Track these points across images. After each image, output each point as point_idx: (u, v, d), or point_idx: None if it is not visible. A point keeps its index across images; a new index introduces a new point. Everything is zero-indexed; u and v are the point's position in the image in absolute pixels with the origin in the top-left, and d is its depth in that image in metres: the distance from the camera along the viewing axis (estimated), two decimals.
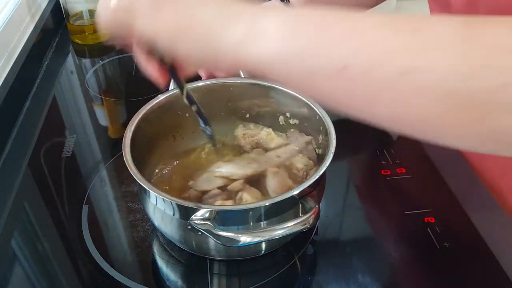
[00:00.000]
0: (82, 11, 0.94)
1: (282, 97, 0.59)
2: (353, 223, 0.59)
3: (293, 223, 0.44)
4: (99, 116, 0.78)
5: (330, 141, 0.50)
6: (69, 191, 0.62)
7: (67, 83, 0.86)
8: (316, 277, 0.52)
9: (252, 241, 0.43)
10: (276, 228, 0.44)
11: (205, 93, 0.61)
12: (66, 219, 0.58)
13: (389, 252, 0.54)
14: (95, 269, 0.52)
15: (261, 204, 0.47)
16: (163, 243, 0.55)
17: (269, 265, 0.53)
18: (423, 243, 0.54)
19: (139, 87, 0.84)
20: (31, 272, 0.52)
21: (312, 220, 0.44)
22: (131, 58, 0.92)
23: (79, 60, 0.94)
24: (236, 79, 0.63)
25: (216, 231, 0.43)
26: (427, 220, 0.57)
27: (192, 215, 0.44)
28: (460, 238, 0.55)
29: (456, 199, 0.60)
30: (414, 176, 0.63)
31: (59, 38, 0.99)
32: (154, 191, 0.46)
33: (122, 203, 0.60)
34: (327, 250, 0.55)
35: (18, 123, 0.74)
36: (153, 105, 0.57)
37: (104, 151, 0.70)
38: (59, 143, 0.70)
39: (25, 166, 0.66)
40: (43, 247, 0.55)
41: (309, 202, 0.46)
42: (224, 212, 0.46)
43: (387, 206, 0.60)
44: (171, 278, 0.52)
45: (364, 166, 0.69)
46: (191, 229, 0.45)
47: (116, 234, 0.56)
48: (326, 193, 0.54)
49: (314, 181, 0.46)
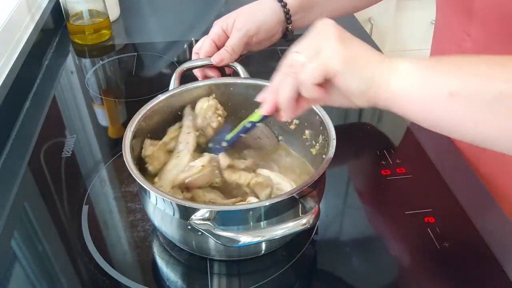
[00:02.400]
0: (82, 11, 0.94)
1: None
2: (353, 223, 0.59)
3: (293, 223, 0.44)
4: (99, 116, 0.78)
5: (330, 141, 0.50)
6: (69, 191, 0.62)
7: (67, 83, 0.86)
8: (316, 277, 0.52)
9: (252, 241, 0.43)
10: (276, 228, 0.44)
11: (206, 93, 0.61)
12: (66, 219, 0.58)
13: (389, 252, 0.54)
14: (95, 269, 0.52)
15: (261, 204, 0.47)
16: (163, 243, 0.55)
17: (269, 265, 0.52)
18: (423, 243, 0.54)
19: (139, 87, 0.84)
20: (31, 272, 0.52)
21: (312, 220, 0.44)
22: (131, 58, 0.93)
23: (79, 60, 0.94)
24: (236, 79, 0.63)
25: (216, 231, 0.43)
26: (427, 220, 0.57)
27: (192, 215, 0.44)
28: (460, 238, 0.55)
29: (456, 199, 0.60)
30: (414, 176, 0.63)
31: (59, 38, 0.99)
32: (154, 191, 0.46)
33: (122, 203, 0.60)
34: (327, 250, 0.55)
35: (18, 123, 0.74)
36: (153, 105, 0.57)
37: (104, 151, 0.70)
38: (59, 143, 0.70)
39: (25, 166, 0.66)
40: (43, 247, 0.55)
41: (309, 202, 0.46)
42: (224, 212, 0.46)
43: (387, 206, 0.60)
44: (171, 278, 0.52)
45: (364, 166, 0.69)
46: (191, 229, 0.45)
47: (116, 234, 0.56)
48: (326, 193, 0.54)
49: (314, 181, 0.46)
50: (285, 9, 0.66)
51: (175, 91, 0.59)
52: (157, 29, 1.06)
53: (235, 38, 0.65)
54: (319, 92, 0.42)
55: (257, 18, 0.66)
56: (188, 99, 0.61)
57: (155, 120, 0.58)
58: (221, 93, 0.62)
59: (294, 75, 0.43)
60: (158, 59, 0.93)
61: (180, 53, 0.97)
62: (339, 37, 0.41)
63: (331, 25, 0.43)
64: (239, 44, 0.65)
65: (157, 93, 0.59)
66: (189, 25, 1.06)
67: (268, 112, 0.48)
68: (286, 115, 0.46)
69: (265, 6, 0.67)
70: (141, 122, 0.55)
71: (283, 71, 0.45)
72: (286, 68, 0.44)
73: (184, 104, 0.61)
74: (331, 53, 0.41)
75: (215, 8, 1.12)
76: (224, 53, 0.65)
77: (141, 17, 1.10)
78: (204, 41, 0.67)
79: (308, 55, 0.42)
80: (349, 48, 0.41)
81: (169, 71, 0.90)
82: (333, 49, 0.41)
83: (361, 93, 0.42)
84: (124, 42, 0.99)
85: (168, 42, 0.99)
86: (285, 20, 0.67)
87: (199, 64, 0.67)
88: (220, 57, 0.65)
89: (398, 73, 0.41)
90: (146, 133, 0.57)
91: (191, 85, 0.61)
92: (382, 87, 0.41)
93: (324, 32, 0.42)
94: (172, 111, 0.60)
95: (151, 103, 0.57)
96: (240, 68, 0.65)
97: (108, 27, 0.99)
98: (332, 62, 0.40)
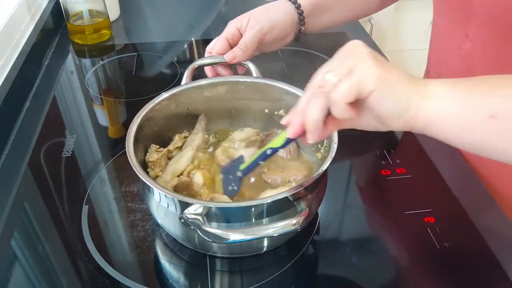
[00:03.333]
0: (82, 11, 0.94)
1: (290, 98, 0.59)
2: (353, 223, 0.59)
3: (283, 224, 0.44)
4: (99, 116, 0.78)
5: (331, 145, 0.50)
6: (69, 191, 0.62)
7: (67, 83, 0.86)
8: (316, 276, 0.52)
9: (240, 239, 0.44)
10: (266, 228, 0.45)
11: (215, 90, 0.62)
12: (66, 219, 0.58)
13: (389, 252, 0.54)
14: (95, 269, 0.52)
15: (255, 203, 0.47)
16: (164, 242, 0.55)
17: (269, 265, 0.53)
18: (423, 243, 0.54)
19: (139, 87, 0.84)
20: (31, 272, 0.52)
21: (301, 222, 0.44)
22: (131, 58, 0.93)
23: (79, 60, 0.94)
24: (247, 78, 0.63)
25: (205, 227, 0.43)
26: (427, 220, 0.57)
27: (185, 209, 0.45)
28: (460, 238, 0.55)
29: (456, 199, 0.60)
30: (414, 176, 0.63)
31: (59, 38, 0.99)
32: (157, 188, 0.46)
33: (122, 203, 0.60)
34: (327, 250, 0.55)
35: (18, 123, 0.74)
36: (155, 104, 0.57)
37: (104, 151, 0.70)
38: (59, 143, 0.70)
39: (25, 166, 0.66)
40: (43, 247, 0.55)
41: (301, 204, 0.47)
42: (217, 209, 0.46)
43: (387, 206, 0.60)
44: (172, 277, 0.52)
45: (364, 166, 0.69)
46: (184, 223, 0.45)
47: (116, 234, 0.56)
48: (326, 193, 0.54)
49: (307, 185, 0.47)
50: (299, 10, 0.67)
51: (175, 90, 0.59)
52: (157, 29, 1.06)
53: (248, 35, 0.64)
54: (352, 112, 0.41)
55: (271, 16, 0.66)
56: (196, 96, 0.61)
57: (158, 119, 0.58)
58: (230, 91, 0.62)
59: (325, 94, 0.41)
60: (158, 59, 0.93)
61: (180, 53, 0.97)
62: (373, 58, 0.40)
63: (363, 46, 0.42)
64: (253, 42, 0.64)
65: (157, 93, 0.59)
66: (189, 25, 1.06)
67: (295, 134, 0.45)
68: (313, 137, 0.44)
69: (279, 6, 0.67)
70: (144, 120, 0.55)
71: (312, 92, 0.42)
72: (316, 89, 0.42)
73: (185, 104, 0.61)
74: (365, 72, 0.39)
75: (215, 8, 1.12)
76: (237, 50, 0.64)
77: (141, 17, 1.10)
78: (218, 40, 0.67)
79: (341, 74, 0.40)
80: (384, 68, 0.40)
81: (169, 71, 0.90)
82: (368, 68, 0.40)
83: (397, 115, 0.41)
84: (124, 42, 0.99)
85: (168, 42, 0.99)
86: (298, 21, 0.68)
87: (211, 61, 0.66)
88: (233, 54, 0.64)
89: (435, 96, 0.41)
90: (149, 132, 0.57)
91: (202, 81, 0.61)
92: (420, 111, 0.41)
93: (357, 52, 0.41)
94: (174, 110, 0.60)
95: (154, 101, 0.57)
96: (253, 67, 0.65)
97: (108, 27, 0.99)
98: (367, 81, 0.39)
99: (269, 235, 0.45)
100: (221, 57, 0.65)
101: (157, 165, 0.57)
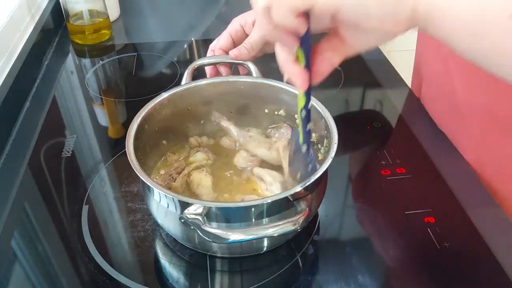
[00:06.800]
0: (82, 11, 0.94)
1: (290, 98, 0.59)
2: (353, 223, 0.59)
3: (283, 224, 0.44)
4: (99, 116, 0.78)
5: (331, 145, 0.50)
6: (69, 191, 0.62)
7: (67, 83, 0.86)
8: (317, 276, 0.52)
9: (240, 239, 0.44)
10: (265, 228, 0.45)
11: (215, 91, 0.62)
12: (66, 219, 0.58)
13: (389, 252, 0.54)
14: (95, 269, 0.52)
15: (254, 203, 0.47)
16: (164, 242, 0.55)
17: (270, 264, 0.53)
18: (423, 243, 0.54)
19: (139, 87, 0.84)
20: (31, 272, 0.52)
21: (301, 222, 0.44)
22: (131, 58, 0.93)
23: (79, 60, 0.94)
24: (247, 78, 0.63)
25: (205, 226, 0.43)
26: (427, 220, 0.57)
27: (185, 209, 0.45)
28: (460, 238, 0.55)
29: (456, 199, 0.60)
30: (414, 176, 0.63)
31: (59, 38, 0.99)
32: (157, 188, 0.46)
33: (122, 203, 0.60)
34: (327, 250, 0.55)
35: (18, 123, 0.74)
36: (155, 104, 0.57)
37: (104, 151, 0.70)
38: (59, 143, 0.70)
39: (25, 166, 0.66)
40: (43, 247, 0.55)
41: (301, 205, 0.47)
42: (216, 209, 0.46)
43: (387, 206, 0.60)
44: (172, 277, 0.52)
45: (364, 166, 0.69)
46: (184, 223, 0.45)
47: (116, 234, 0.56)
48: (326, 193, 0.54)
49: (308, 184, 0.46)
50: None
51: (176, 89, 0.59)
52: (157, 29, 1.06)
53: (256, 36, 0.62)
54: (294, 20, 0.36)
55: None
56: (196, 96, 0.61)
57: (158, 119, 0.58)
58: (230, 91, 0.62)
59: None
60: (158, 59, 0.93)
61: (180, 53, 0.97)
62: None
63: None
64: (259, 42, 0.62)
65: (157, 93, 0.59)
66: (189, 25, 1.07)
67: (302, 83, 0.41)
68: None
69: None
70: (144, 120, 0.55)
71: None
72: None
73: (187, 104, 0.61)
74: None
75: (215, 8, 1.12)
76: (242, 49, 0.63)
77: (141, 17, 1.10)
78: (221, 36, 0.66)
79: None
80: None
81: (169, 71, 0.90)
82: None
83: (390, 16, 0.35)
84: (124, 42, 0.99)
85: (168, 42, 0.99)
86: None
87: (212, 61, 0.66)
88: (238, 52, 0.62)
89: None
90: (150, 131, 0.57)
91: (202, 81, 0.61)
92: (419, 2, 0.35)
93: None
94: (175, 109, 0.60)
95: (154, 101, 0.57)
96: (253, 67, 0.64)
97: (108, 27, 0.99)
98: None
99: (269, 235, 0.45)
100: (222, 57, 0.65)
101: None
